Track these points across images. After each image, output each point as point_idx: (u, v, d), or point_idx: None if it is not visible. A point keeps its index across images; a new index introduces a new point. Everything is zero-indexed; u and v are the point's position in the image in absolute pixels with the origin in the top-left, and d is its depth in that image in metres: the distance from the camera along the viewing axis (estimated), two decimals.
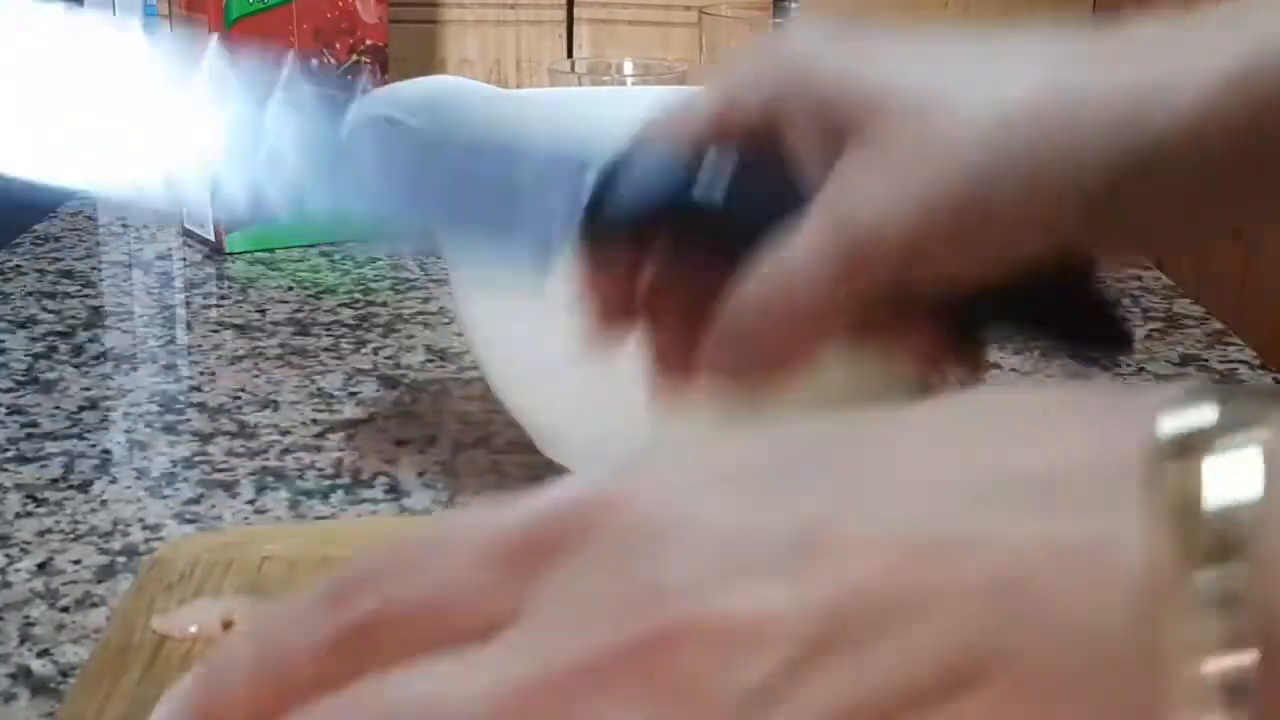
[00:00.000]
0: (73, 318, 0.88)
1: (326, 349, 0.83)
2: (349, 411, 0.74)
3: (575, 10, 1.11)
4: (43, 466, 0.67)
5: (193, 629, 0.49)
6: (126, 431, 0.71)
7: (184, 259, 1.02)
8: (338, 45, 1.02)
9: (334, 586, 0.30)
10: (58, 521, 0.61)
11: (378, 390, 0.77)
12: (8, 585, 0.56)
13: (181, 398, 0.76)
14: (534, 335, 0.59)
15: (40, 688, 0.49)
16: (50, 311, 0.89)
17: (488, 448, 0.69)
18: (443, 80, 0.71)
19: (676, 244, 0.42)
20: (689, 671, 0.26)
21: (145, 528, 0.61)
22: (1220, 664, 0.25)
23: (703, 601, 0.27)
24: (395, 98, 0.64)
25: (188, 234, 1.05)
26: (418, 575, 0.30)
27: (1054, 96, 0.40)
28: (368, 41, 1.03)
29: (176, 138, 0.47)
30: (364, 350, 0.83)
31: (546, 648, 0.27)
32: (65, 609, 0.54)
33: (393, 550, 0.30)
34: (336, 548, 0.54)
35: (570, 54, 1.12)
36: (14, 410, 0.74)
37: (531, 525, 0.29)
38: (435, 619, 0.29)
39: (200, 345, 0.85)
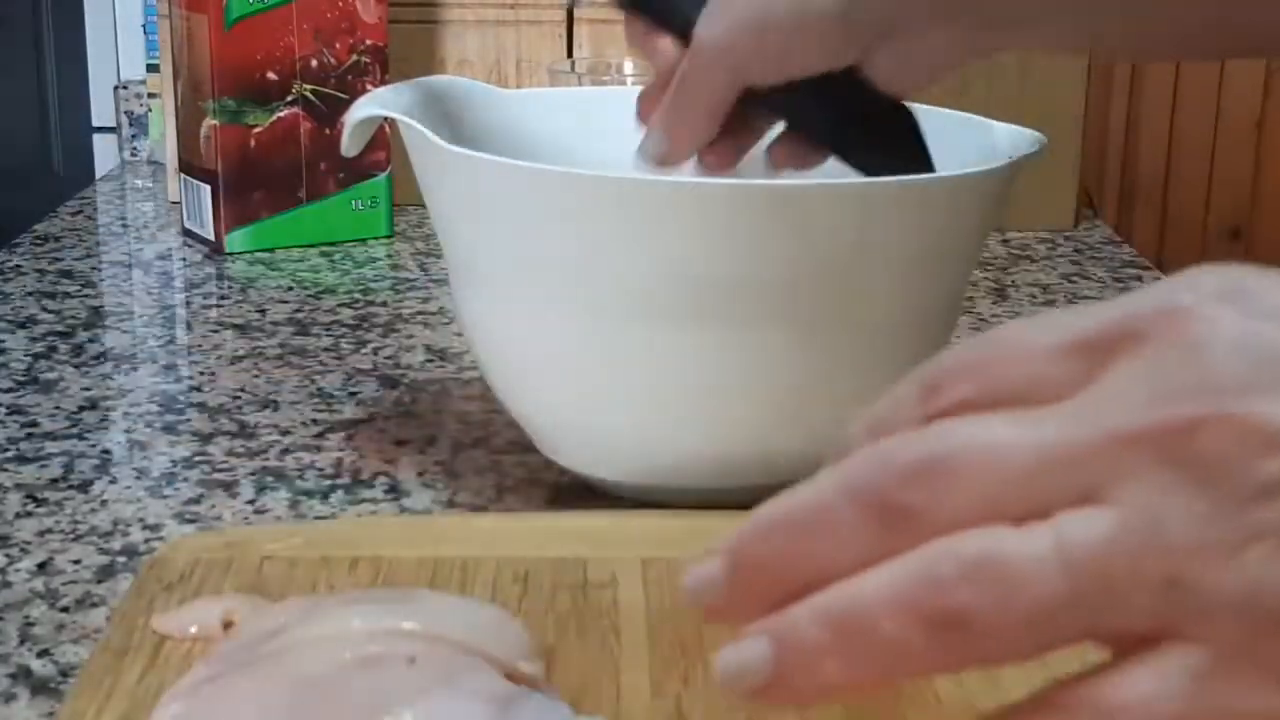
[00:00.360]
0: (73, 318, 0.88)
1: (326, 349, 0.83)
2: (349, 411, 0.74)
3: (575, 10, 1.11)
4: (43, 466, 0.67)
5: (193, 629, 0.48)
6: (126, 431, 0.71)
7: (184, 259, 1.02)
8: (338, 45, 1.02)
9: (926, 379, 0.34)
10: (58, 521, 0.61)
11: (377, 390, 0.77)
12: (8, 585, 0.56)
13: (181, 398, 0.76)
14: (534, 336, 0.59)
15: (40, 688, 0.49)
16: (50, 311, 0.90)
17: (488, 448, 0.69)
18: (443, 80, 0.71)
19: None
20: (1213, 454, 0.30)
21: (145, 528, 0.61)
22: None
23: (1237, 403, 0.30)
24: (392, 98, 0.64)
25: (188, 234, 1.05)
26: (1004, 367, 0.33)
27: None
28: (368, 41, 1.03)
29: None
30: (364, 350, 0.83)
31: (1096, 415, 0.31)
32: (65, 609, 0.54)
33: (972, 350, 0.34)
34: (336, 548, 0.54)
35: (570, 54, 1.11)
36: (14, 410, 0.74)
37: (1106, 325, 0.32)
38: (1019, 403, 0.32)
39: (200, 345, 0.85)
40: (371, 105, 0.63)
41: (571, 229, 0.56)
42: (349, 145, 0.64)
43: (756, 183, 0.56)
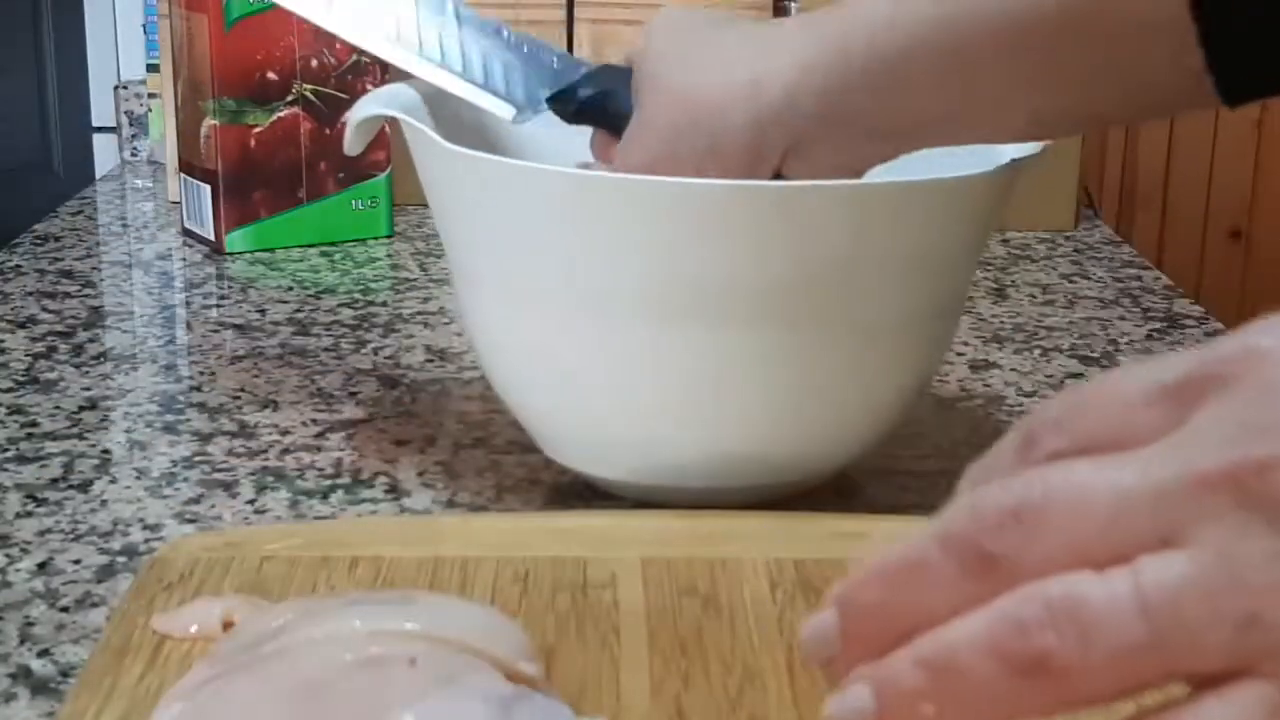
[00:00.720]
0: (73, 318, 0.88)
1: (326, 349, 0.83)
2: (349, 411, 0.74)
3: (575, 10, 1.11)
4: (43, 466, 0.67)
5: (193, 629, 0.48)
6: (126, 431, 0.71)
7: (184, 259, 1.02)
8: (338, 45, 1.02)
9: (1024, 431, 0.35)
10: (58, 521, 0.61)
11: (377, 390, 0.77)
12: (8, 585, 0.56)
13: (181, 398, 0.76)
14: (534, 335, 0.59)
15: (40, 688, 0.49)
16: (50, 311, 0.90)
17: (488, 448, 0.69)
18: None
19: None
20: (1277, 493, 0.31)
21: (145, 527, 0.61)
22: None
23: None
24: (392, 98, 0.64)
25: (188, 234, 1.05)
26: (1097, 416, 0.34)
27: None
28: None
29: None
30: (364, 350, 0.83)
31: (1176, 458, 0.32)
32: (65, 609, 0.54)
33: (1066, 400, 0.35)
34: (336, 548, 0.54)
35: (570, 53, 1.11)
36: (14, 410, 0.74)
37: (1191, 371, 0.33)
38: (1110, 452, 0.33)
39: (200, 345, 0.85)
40: (373, 104, 0.63)
41: (571, 229, 0.56)
42: (351, 144, 0.64)
43: (757, 184, 0.56)
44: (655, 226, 0.55)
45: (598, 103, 0.64)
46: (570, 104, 0.64)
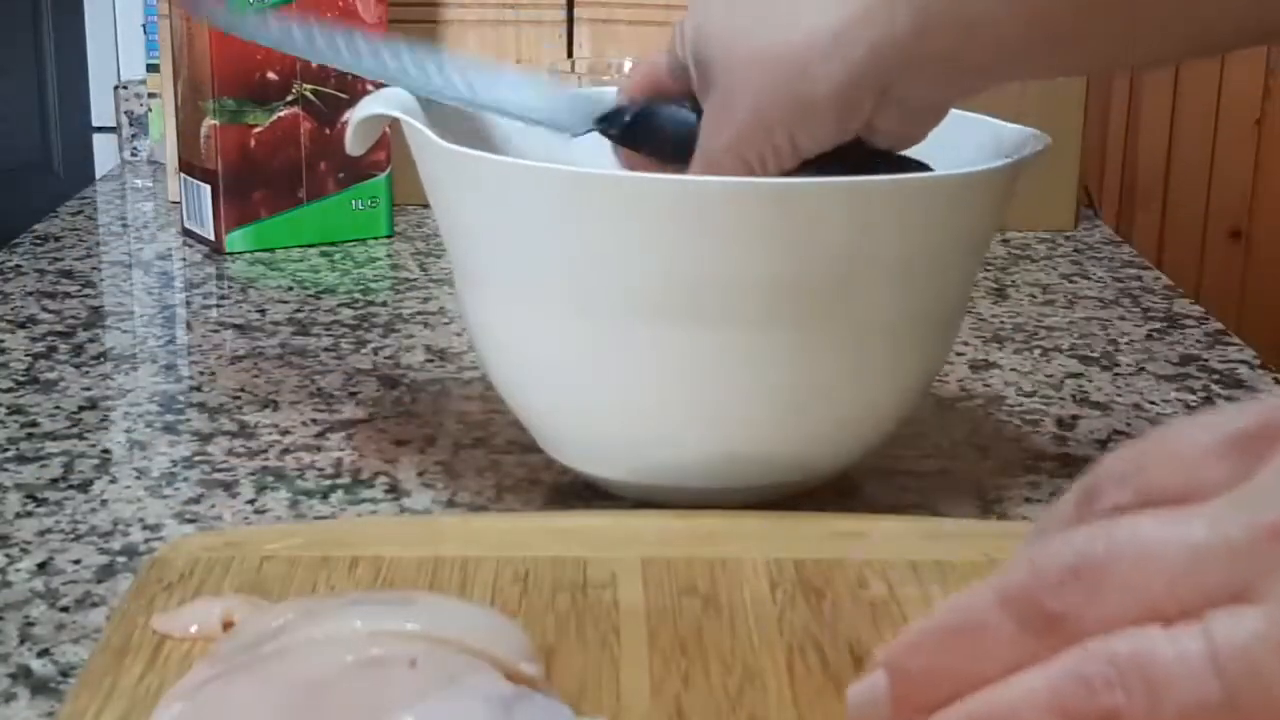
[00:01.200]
0: (73, 318, 0.88)
1: (326, 349, 0.83)
2: (349, 411, 0.74)
3: (575, 10, 1.11)
4: (43, 466, 0.67)
5: (193, 629, 0.48)
6: (126, 431, 0.71)
7: (184, 259, 1.02)
8: None
9: (1085, 485, 0.35)
10: (58, 521, 0.61)
11: (377, 390, 0.77)
12: (8, 585, 0.56)
13: (181, 398, 0.76)
14: (536, 335, 0.59)
15: (40, 688, 0.49)
16: (50, 311, 0.89)
17: (488, 448, 0.69)
18: None
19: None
20: None
21: (145, 528, 0.61)
22: None
23: None
24: (394, 98, 0.64)
25: (188, 234, 1.05)
26: (1160, 470, 0.33)
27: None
28: None
29: None
30: (364, 350, 0.83)
31: (1245, 511, 0.31)
32: (65, 609, 0.54)
33: (1129, 453, 0.34)
34: (336, 548, 0.54)
35: (570, 54, 1.11)
36: (14, 410, 0.74)
37: (1257, 422, 0.33)
38: (1175, 505, 0.33)
39: (200, 345, 0.85)
40: (375, 105, 0.63)
41: (573, 229, 0.56)
42: (353, 144, 0.63)
43: (758, 181, 0.56)
44: (657, 225, 0.55)
45: (642, 121, 0.63)
46: (617, 124, 0.64)
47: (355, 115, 0.63)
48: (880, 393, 0.60)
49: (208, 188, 1.02)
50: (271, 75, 1.01)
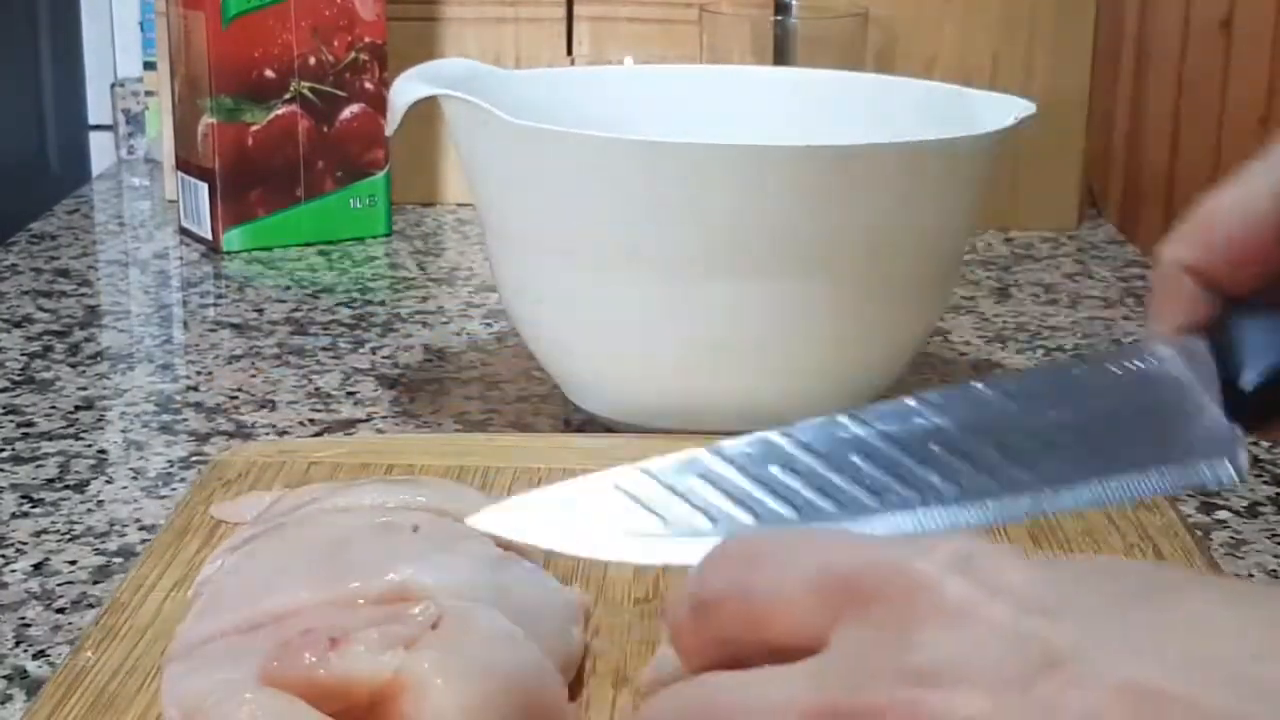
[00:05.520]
0: (69, 317, 0.88)
1: (324, 348, 0.83)
2: (347, 411, 0.73)
3: (575, 8, 1.11)
4: (38, 466, 0.66)
5: (248, 516, 0.54)
6: (123, 431, 0.71)
7: (181, 258, 1.02)
8: (336, 42, 1.02)
9: (699, 603, 0.36)
10: (54, 522, 0.61)
11: (375, 390, 0.76)
12: (3, 586, 0.56)
13: (178, 397, 0.75)
14: (573, 298, 0.65)
15: (35, 689, 0.49)
16: (46, 310, 0.89)
17: None
18: (464, 63, 0.74)
19: None
20: None
21: (141, 528, 0.60)
22: None
23: (921, 694, 0.31)
24: (433, 75, 0.66)
25: (185, 232, 1.05)
26: (761, 577, 0.34)
27: None
28: (366, 39, 1.02)
29: None
30: (362, 350, 0.83)
31: (822, 685, 0.32)
32: (61, 610, 0.54)
33: (749, 545, 0.36)
34: (375, 456, 0.61)
35: (570, 52, 1.11)
36: (9, 410, 0.73)
37: (856, 573, 0.33)
38: (763, 614, 0.34)
39: (197, 344, 0.84)
40: (419, 86, 0.65)
41: (623, 194, 0.61)
42: (394, 126, 0.66)
43: (814, 145, 0.61)
44: (705, 188, 0.60)
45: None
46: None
47: (397, 99, 0.65)
48: (899, 342, 0.67)
49: (205, 186, 1.01)
50: (269, 73, 1.00)
